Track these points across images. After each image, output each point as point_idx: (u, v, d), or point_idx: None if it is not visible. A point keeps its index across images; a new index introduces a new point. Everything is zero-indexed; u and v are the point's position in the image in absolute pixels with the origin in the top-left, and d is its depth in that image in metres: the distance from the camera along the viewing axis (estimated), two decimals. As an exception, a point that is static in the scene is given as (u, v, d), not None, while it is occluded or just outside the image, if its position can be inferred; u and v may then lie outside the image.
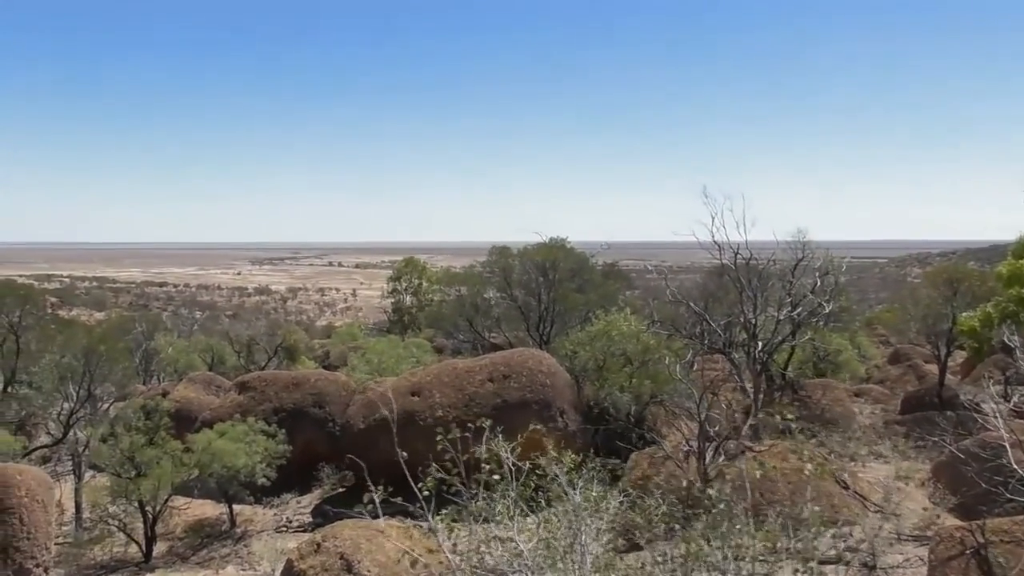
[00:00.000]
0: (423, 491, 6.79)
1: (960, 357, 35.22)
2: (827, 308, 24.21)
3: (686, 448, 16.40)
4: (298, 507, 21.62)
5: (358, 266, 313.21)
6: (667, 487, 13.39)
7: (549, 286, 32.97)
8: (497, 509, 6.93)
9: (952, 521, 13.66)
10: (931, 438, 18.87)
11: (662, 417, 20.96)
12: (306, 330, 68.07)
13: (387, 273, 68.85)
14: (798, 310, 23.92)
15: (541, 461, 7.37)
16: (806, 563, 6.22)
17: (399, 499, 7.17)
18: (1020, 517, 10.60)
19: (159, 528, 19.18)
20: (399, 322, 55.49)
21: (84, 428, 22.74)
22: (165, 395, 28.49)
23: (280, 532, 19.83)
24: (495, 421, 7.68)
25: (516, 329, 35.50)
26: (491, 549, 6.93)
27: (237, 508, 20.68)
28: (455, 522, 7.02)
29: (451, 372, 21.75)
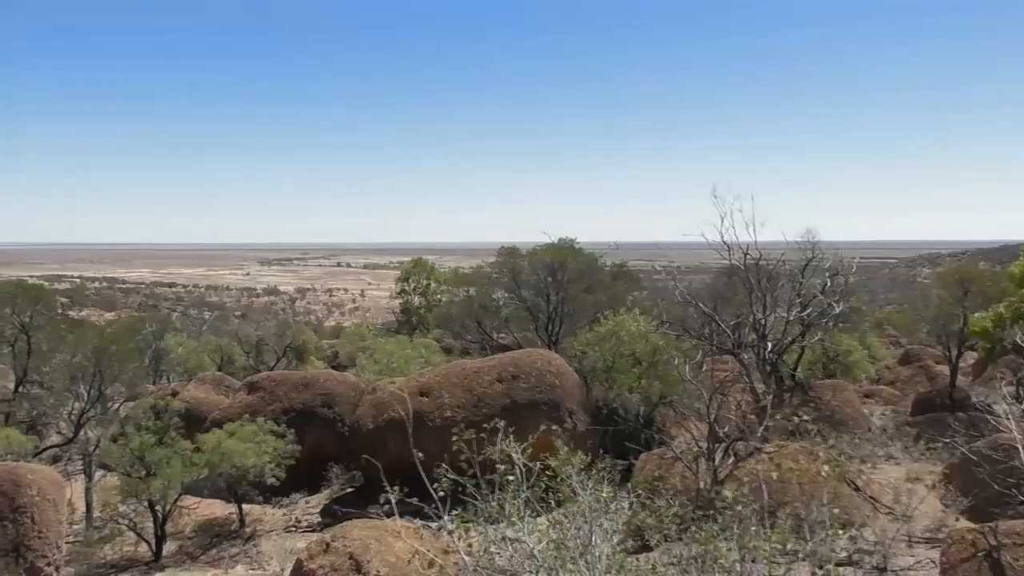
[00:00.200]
0: (438, 491, 6.82)
1: (971, 358, 34.99)
2: (837, 309, 24.07)
3: (696, 449, 16.34)
4: (307, 507, 21.66)
5: (366, 267, 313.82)
6: (677, 488, 13.35)
7: (558, 287, 32.92)
8: (508, 510, 6.93)
9: (964, 523, 13.59)
10: (943, 440, 18.78)
11: (671, 418, 20.90)
12: (315, 330, 68.13)
13: (395, 274, 68.91)
14: (808, 311, 23.79)
15: (552, 462, 7.37)
16: (823, 566, 6.18)
17: (415, 499, 7.19)
18: (1033, 519, 10.53)
19: (169, 527, 19.27)
20: (407, 323, 55.47)
21: (94, 428, 22.85)
22: (175, 395, 28.61)
23: (289, 532, 19.86)
24: (504, 422, 7.69)
25: (525, 330, 35.45)
26: (501, 550, 6.92)
27: (246, 508, 20.73)
28: (467, 523, 7.02)
29: (460, 373, 21.71)
